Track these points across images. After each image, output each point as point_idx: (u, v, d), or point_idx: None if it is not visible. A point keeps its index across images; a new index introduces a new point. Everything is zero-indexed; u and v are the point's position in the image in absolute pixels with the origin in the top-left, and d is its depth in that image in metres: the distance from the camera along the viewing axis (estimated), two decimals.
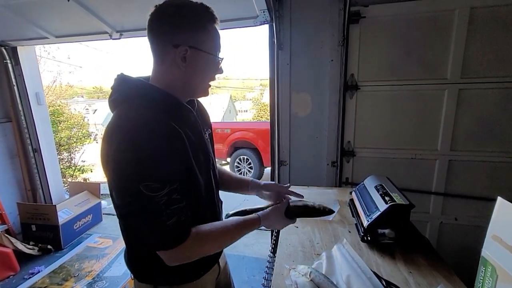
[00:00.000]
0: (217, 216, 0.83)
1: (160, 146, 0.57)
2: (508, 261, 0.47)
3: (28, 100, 2.64)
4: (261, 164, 5.06)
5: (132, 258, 0.75)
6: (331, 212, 0.93)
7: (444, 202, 1.90)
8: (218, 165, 0.94)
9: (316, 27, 1.88)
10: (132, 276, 0.77)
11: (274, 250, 1.17)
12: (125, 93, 0.65)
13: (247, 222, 0.76)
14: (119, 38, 2.14)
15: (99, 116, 26.89)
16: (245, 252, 2.33)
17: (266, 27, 1.95)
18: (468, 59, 1.67)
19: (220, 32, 0.70)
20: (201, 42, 0.64)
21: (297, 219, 0.91)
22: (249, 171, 5.06)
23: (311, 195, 1.42)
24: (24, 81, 2.60)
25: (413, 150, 1.88)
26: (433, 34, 1.69)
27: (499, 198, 0.51)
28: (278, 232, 1.20)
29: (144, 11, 0.67)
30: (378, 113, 1.89)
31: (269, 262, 1.07)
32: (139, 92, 0.65)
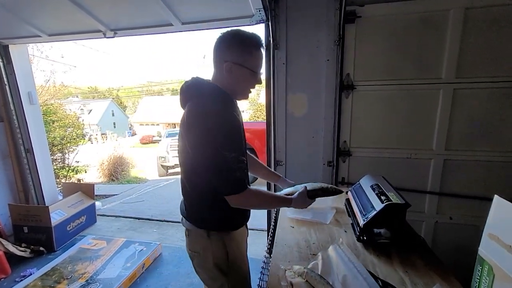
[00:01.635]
0: None
1: (231, 125, 0.88)
2: (505, 260, 0.46)
3: (20, 99, 2.60)
4: None
5: (192, 211, 1.02)
6: (340, 191, 1.30)
7: (439, 201, 1.91)
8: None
9: (312, 26, 1.87)
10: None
11: (270, 251, 1.16)
12: (197, 90, 0.97)
13: (284, 199, 1.10)
14: (113, 37, 2.11)
15: (94, 116, 26.66)
16: None
17: (262, 27, 1.94)
18: (463, 59, 1.68)
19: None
20: (243, 61, 0.92)
21: (300, 215, 1.25)
22: None
23: None
24: (16, 80, 2.55)
25: (408, 149, 1.88)
26: (428, 34, 1.70)
27: (496, 197, 0.50)
28: (274, 233, 1.19)
29: (138, 10, 0.67)
30: (374, 113, 1.89)
31: (264, 262, 1.06)
32: (212, 90, 0.96)
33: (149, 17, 1.93)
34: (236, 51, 0.91)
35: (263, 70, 1.02)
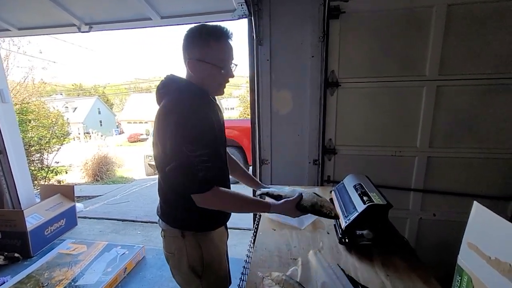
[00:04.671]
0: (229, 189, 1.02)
1: (199, 123, 0.83)
2: (484, 272, 0.44)
3: None
4: (246, 162, 4.99)
5: (166, 210, 0.98)
6: (336, 217, 0.98)
7: (423, 198, 1.92)
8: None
9: (297, 22, 1.83)
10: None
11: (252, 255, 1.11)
12: (170, 88, 0.93)
13: (258, 203, 0.98)
14: (88, 31, 2.00)
15: (80, 114, 25.87)
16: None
17: (245, 22, 1.88)
18: (446, 56, 1.67)
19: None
20: (204, 56, 0.87)
21: (277, 217, 1.12)
22: None
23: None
24: None
25: (393, 147, 1.88)
26: (412, 30, 1.68)
27: (475, 203, 0.47)
28: (255, 235, 1.14)
29: (114, 3, 0.61)
30: (359, 110, 1.87)
31: (244, 268, 1.01)
32: (185, 86, 0.92)
33: (127, 10, 1.84)
34: (195, 47, 0.87)
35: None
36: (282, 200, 0.98)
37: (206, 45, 0.86)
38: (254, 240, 1.10)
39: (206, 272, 0.97)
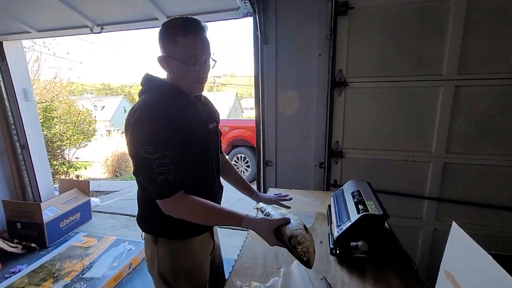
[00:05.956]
0: (214, 196, 0.97)
1: (159, 124, 0.77)
2: None
3: (15, 96, 2.61)
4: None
5: (140, 215, 0.94)
6: (307, 264, 0.72)
7: (439, 207, 1.77)
8: (227, 158, 1.19)
9: (303, 19, 1.76)
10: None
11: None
12: (144, 88, 0.88)
13: (230, 215, 0.82)
14: (100, 32, 2.07)
15: (107, 112, 27.19)
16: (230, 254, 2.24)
17: (251, 20, 1.84)
18: (466, 54, 1.53)
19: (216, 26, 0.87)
20: (171, 52, 0.81)
21: None
22: (246, 170, 4.96)
23: (292, 202, 1.30)
24: (10, 77, 2.56)
25: (405, 151, 1.75)
26: (428, 26, 1.56)
27: (453, 224, 0.40)
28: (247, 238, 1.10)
29: (122, 4, 0.61)
30: (368, 112, 1.76)
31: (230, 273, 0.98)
32: (156, 85, 0.87)
33: (134, 11, 1.88)
34: (163, 42, 0.82)
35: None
36: (261, 217, 0.82)
37: (172, 41, 0.79)
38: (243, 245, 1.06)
39: (177, 282, 0.91)
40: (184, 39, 0.79)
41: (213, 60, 0.87)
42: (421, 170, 1.75)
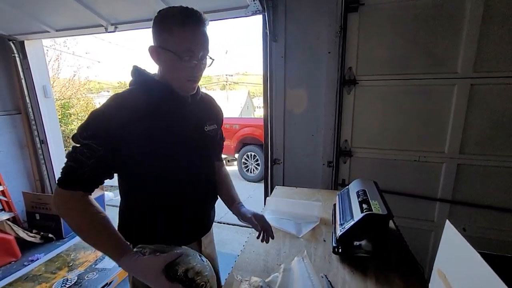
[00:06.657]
0: (201, 206, 0.90)
1: (113, 116, 0.68)
2: None
3: (35, 93, 2.73)
4: None
5: (119, 224, 0.86)
6: None
7: (451, 210, 1.71)
8: (225, 169, 1.06)
9: (312, 16, 1.74)
10: None
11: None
12: (134, 80, 0.81)
13: (110, 246, 0.67)
14: (114, 31, 2.13)
15: None
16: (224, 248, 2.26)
17: (260, 18, 1.84)
18: (482, 51, 1.47)
19: (211, 23, 0.79)
20: (164, 42, 0.73)
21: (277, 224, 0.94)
22: (256, 168, 4.98)
23: (295, 204, 1.30)
24: (31, 74, 2.68)
25: (417, 151, 1.71)
26: (442, 22, 1.50)
27: (447, 223, 0.39)
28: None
29: (135, 3, 0.63)
30: (378, 111, 1.73)
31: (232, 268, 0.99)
32: (141, 79, 0.80)
33: (146, 10, 1.92)
34: (156, 31, 0.74)
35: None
36: (146, 256, 0.65)
37: (168, 30, 0.71)
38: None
39: None
40: (181, 30, 0.70)
41: (211, 58, 0.79)
42: (433, 171, 1.70)
